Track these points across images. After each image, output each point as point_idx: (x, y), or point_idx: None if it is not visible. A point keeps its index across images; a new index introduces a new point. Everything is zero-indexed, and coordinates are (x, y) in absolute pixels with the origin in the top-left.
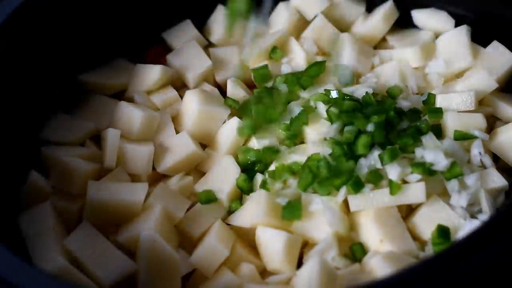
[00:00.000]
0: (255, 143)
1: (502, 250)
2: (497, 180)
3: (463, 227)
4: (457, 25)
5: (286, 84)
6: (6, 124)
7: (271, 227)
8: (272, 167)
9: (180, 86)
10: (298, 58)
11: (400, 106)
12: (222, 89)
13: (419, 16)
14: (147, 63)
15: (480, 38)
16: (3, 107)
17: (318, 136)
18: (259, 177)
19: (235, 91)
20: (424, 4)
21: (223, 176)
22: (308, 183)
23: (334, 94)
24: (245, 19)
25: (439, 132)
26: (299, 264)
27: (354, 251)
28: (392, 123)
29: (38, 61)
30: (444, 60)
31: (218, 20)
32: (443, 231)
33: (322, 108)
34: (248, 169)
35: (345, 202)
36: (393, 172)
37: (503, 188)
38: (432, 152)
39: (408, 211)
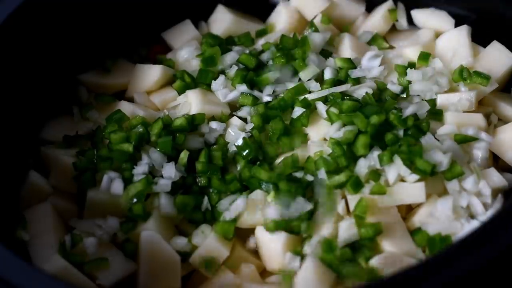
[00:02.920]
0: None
1: (502, 250)
2: (497, 180)
3: (463, 227)
4: (457, 25)
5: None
6: (6, 124)
7: None
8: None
9: None
10: None
11: (400, 106)
12: None
13: (419, 16)
14: (150, 58)
15: (480, 38)
16: (3, 107)
17: (318, 136)
18: None
19: None
20: (424, 4)
21: None
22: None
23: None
24: None
25: None
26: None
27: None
28: (392, 123)
29: (38, 61)
30: (444, 60)
31: (218, 20)
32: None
33: (322, 108)
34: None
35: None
36: (392, 172)
37: (503, 188)
38: (432, 152)
39: (408, 211)
